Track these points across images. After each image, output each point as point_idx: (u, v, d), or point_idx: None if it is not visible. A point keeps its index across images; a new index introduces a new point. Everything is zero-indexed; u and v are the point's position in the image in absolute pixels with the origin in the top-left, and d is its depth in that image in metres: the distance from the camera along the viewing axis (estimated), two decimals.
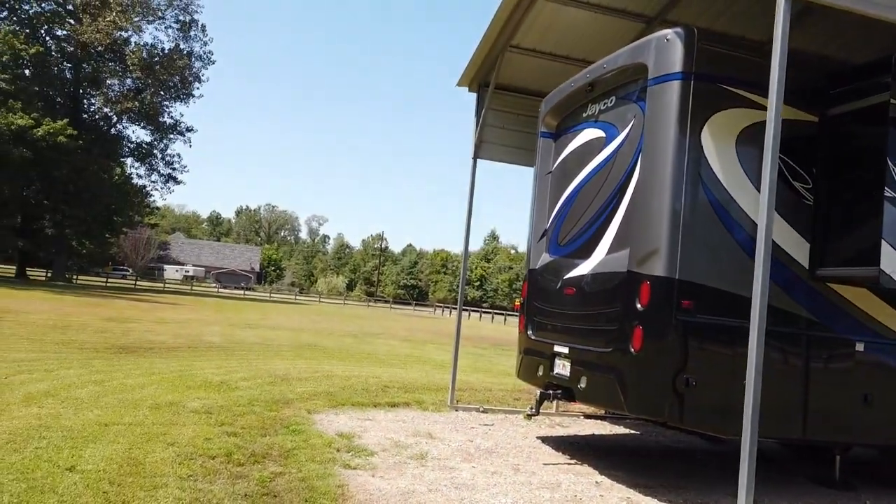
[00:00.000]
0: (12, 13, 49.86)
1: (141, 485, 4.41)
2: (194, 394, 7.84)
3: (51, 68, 50.02)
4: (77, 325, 16.72)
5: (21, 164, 41.69)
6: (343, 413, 7.63)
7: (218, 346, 14.98)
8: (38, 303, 23.87)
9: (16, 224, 47.75)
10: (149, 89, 52.47)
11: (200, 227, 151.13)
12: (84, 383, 7.92)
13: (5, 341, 11.85)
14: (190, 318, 23.64)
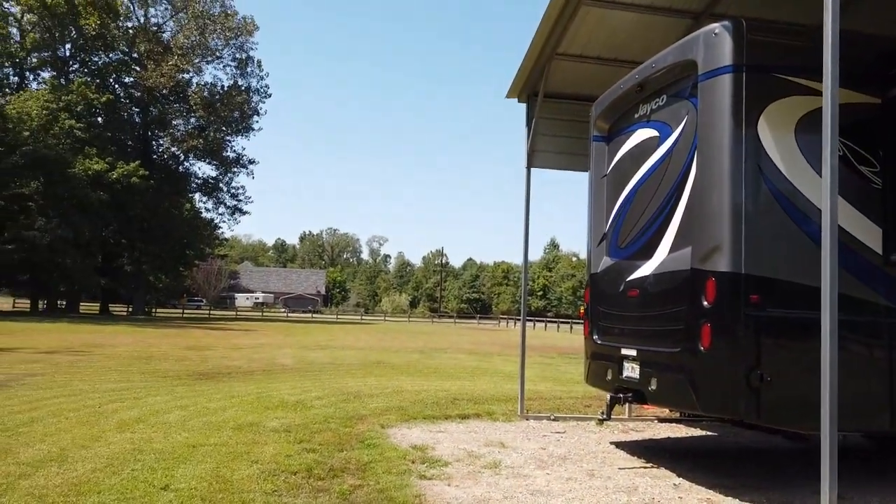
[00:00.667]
0: (83, 66, 53.21)
1: (230, 500, 4.64)
2: (272, 414, 8.14)
3: (121, 114, 53.03)
4: (159, 355, 17.54)
5: (99, 207, 44.22)
6: (415, 426, 7.77)
7: (291, 367, 15.43)
8: (122, 336, 25.15)
9: (97, 263, 50.47)
10: (211, 126, 54.81)
11: (267, 254, 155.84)
12: (170, 409, 8.34)
13: (97, 373, 12.57)
14: (262, 343, 24.42)
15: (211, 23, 52.67)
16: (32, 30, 50.54)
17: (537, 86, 8.51)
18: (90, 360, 15.33)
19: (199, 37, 52.62)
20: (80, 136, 45.61)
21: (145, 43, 51.42)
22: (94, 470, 5.26)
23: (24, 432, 6.54)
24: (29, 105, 43.97)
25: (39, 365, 13.59)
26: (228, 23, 53.22)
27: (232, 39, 54.69)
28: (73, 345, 19.60)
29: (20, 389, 9.74)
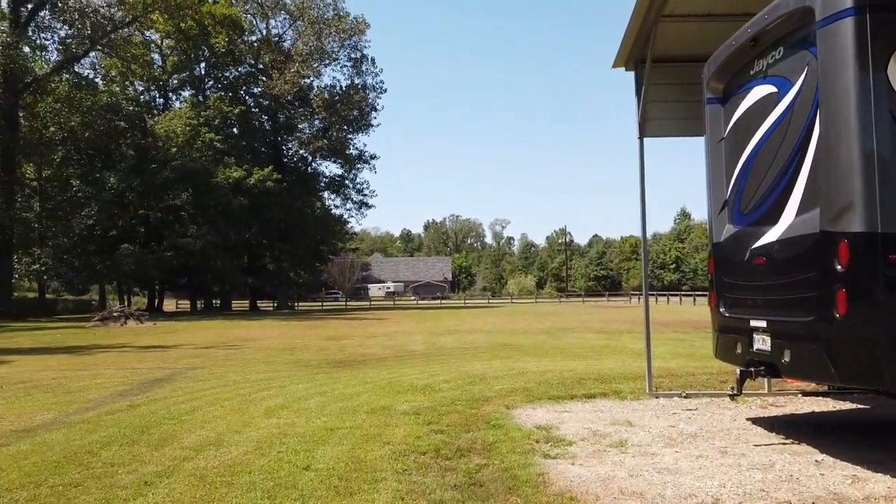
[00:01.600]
0: (217, 81, 57.53)
1: (364, 479, 4.96)
2: (403, 398, 8.52)
3: (253, 123, 56.90)
4: (301, 346, 18.79)
5: (241, 211, 47.86)
6: (540, 407, 7.82)
7: (421, 353, 15.98)
8: (268, 330, 27.16)
9: (244, 264, 54.67)
10: (334, 126, 57.43)
11: (395, 245, 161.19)
12: (311, 395, 8.96)
13: (247, 365, 13.72)
14: (395, 331, 25.41)
15: (326, 27, 55.01)
16: (171, 54, 55.38)
17: (644, 52, 8.18)
18: (242, 353, 16.73)
19: (317, 41, 55.16)
20: (220, 147, 49.51)
21: (269, 54, 54.69)
22: (245, 452, 5.81)
23: (186, 420, 7.32)
24: (174, 123, 48.33)
25: (199, 359, 15.04)
26: (342, 25, 55.32)
27: (346, 40, 56.88)
28: (227, 340, 21.46)
29: (183, 382, 10.86)
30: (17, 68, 38.44)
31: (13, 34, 38.60)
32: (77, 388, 10.19)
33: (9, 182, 39.96)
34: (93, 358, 15.89)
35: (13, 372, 12.78)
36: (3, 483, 4.99)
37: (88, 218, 45.72)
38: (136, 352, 17.47)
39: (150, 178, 45.99)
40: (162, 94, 57.92)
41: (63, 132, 44.05)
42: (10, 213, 39.06)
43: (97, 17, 42.82)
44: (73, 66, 44.72)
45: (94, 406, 8.39)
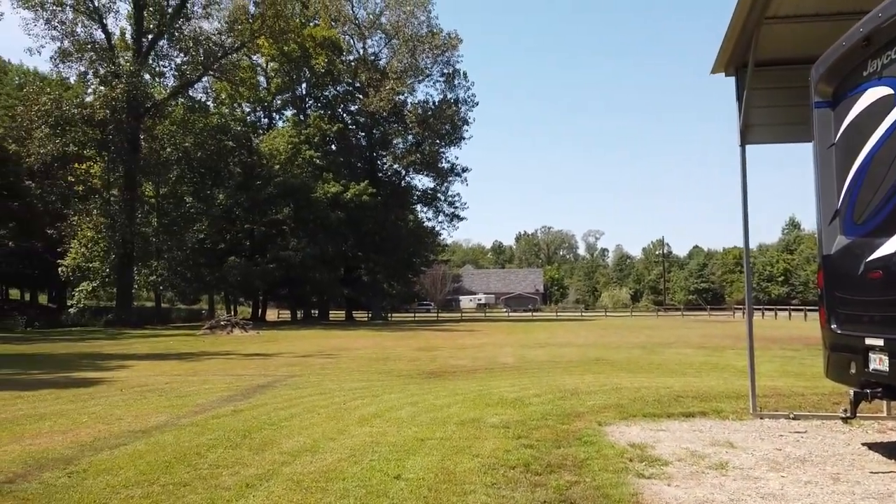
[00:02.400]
0: (316, 101, 60.05)
1: (454, 491, 4.99)
2: (493, 410, 8.51)
3: (350, 139, 58.94)
4: (394, 356, 19.16)
5: (338, 225, 49.56)
6: (634, 424, 7.58)
7: (511, 366, 15.89)
8: (363, 340, 27.87)
9: (340, 276, 56.47)
10: (426, 141, 58.48)
11: (486, 257, 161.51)
12: (402, 405, 9.12)
13: (343, 374, 14.14)
14: (485, 343, 25.41)
15: (420, 43, 56.24)
16: (275, 76, 58.37)
17: (745, 56, 7.82)
18: (337, 362, 17.26)
19: (410, 58, 56.48)
20: (319, 163, 51.58)
21: (365, 72, 56.54)
22: (339, 459, 5.98)
23: (285, 426, 7.63)
24: (277, 142, 50.83)
25: (297, 367, 15.64)
26: (435, 41, 56.37)
27: (439, 56, 57.89)
28: (324, 349, 22.20)
29: (282, 389, 11.33)
30: (139, 94, 41.70)
31: (136, 63, 41.95)
32: (187, 392, 10.86)
33: (131, 199, 43.29)
34: (202, 364, 16.87)
35: (132, 376, 13.78)
36: (121, 480, 5.38)
37: (199, 232, 48.76)
38: (240, 359, 18.39)
39: (255, 194, 48.53)
40: (266, 115, 61.11)
41: (178, 152, 47.31)
42: (131, 228, 42.28)
43: (209, 45, 45.81)
44: (187, 90, 48.01)
45: (202, 410, 8.91)
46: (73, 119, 40.53)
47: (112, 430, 7.42)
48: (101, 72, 42.97)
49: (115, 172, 44.14)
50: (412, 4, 56.01)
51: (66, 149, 41.38)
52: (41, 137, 40.44)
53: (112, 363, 16.99)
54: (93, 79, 44.34)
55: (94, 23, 43.12)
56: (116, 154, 42.82)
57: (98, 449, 6.47)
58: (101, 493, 5.04)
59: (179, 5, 44.39)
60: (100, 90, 42.63)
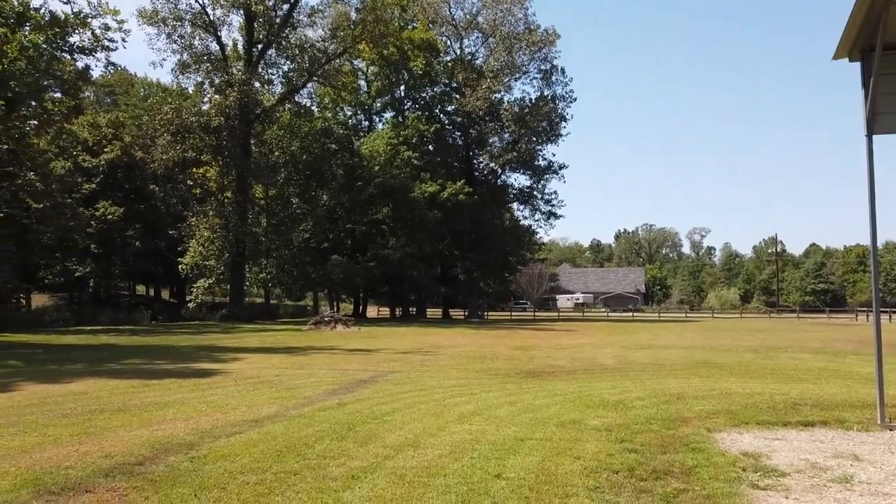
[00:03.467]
0: (414, 102, 61.10)
1: (555, 493, 4.94)
2: (593, 412, 8.34)
3: (446, 139, 59.51)
4: (491, 354, 19.18)
5: (435, 224, 50.23)
6: (746, 432, 7.20)
7: (611, 367, 15.50)
8: (459, 338, 28.10)
9: (437, 274, 57.19)
10: (523, 138, 58.08)
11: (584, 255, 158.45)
12: (501, 404, 9.11)
13: (441, 371, 14.32)
14: (583, 343, 24.94)
15: (517, 41, 55.93)
16: (375, 79, 59.96)
17: (872, 39, 7.23)
18: (436, 359, 17.49)
19: (507, 56, 56.27)
20: (416, 163, 52.48)
21: (462, 72, 56.91)
22: (440, 455, 6.06)
23: (388, 420, 7.83)
24: (377, 144, 52.22)
25: (398, 363, 15.99)
26: (532, 38, 55.87)
27: (536, 53, 57.30)
28: (423, 346, 22.56)
29: (384, 384, 11.62)
30: (250, 102, 44.10)
31: (247, 72, 44.35)
32: (295, 385, 11.36)
33: (243, 201, 45.85)
34: (308, 358, 17.59)
35: (244, 368, 14.58)
36: (237, 466, 5.71)
37: (305, 232, 50.89)
38: (343, 354, 19.03)
39: (357, 194, 50.09)
40: (367, 117, 62.89)
41: (285, 156, 49.71)
42: (243, 228, 44.78)
43: (314, 52, 47.72)
44: (293, 96, 50.23)
45: (309, 402, 9.29)
46: (191, 126, 43.45)
47: (228, 419, 7.89)
48: (215, 81, 45.77)
49: (229, 176, 46.86)
50: (509, 2, 55.78)
51: (186, 154, 44.49)
52: (163, 144, 43.68)
53: (227, 355, 18.05)
54: (208, 88, 47.33)
55: (209, 35, 46.01)
56: (230, 158, 45.46)
57: (216, 436, 6.90)
58: (220, 477, 5.37)
59: (286, 15, 46.50)
60: (215, 99, 45.42)
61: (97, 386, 11.12)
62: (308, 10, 48.27)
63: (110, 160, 46.46)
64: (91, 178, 45.42)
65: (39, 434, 7.00)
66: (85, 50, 34.96)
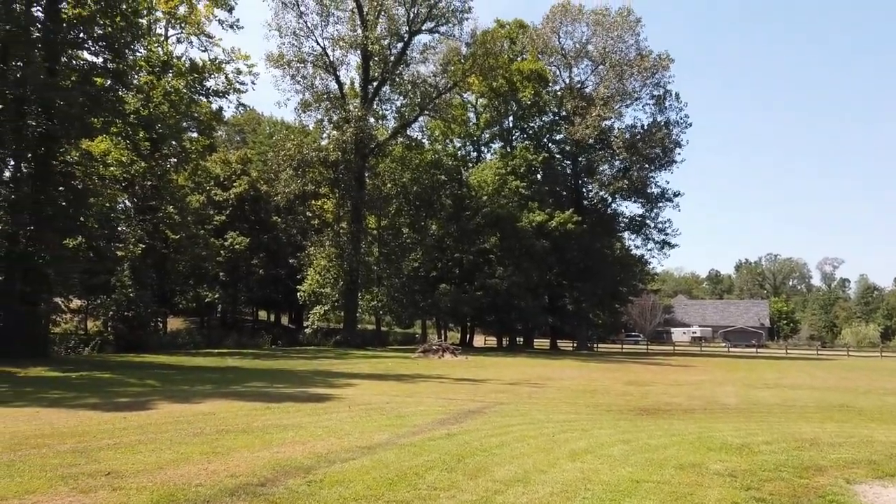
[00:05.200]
0: (522, 132, 61.40)
1: None
2: (715, 456, 7.86)
3: (555, 168, 59.20)
4: (602, 389, 18.60)
5: (542, 253, 49.82)
6: (892, 485, 6.52)
7: (734, 407, 14.58)
8: (568, 370, 27.48)
9: (545, 304, 56.47)
10: (634, 166, 56.68)
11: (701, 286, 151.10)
12: (614, 442, 8.79)
13: (550, 404, 14.05)
14: (702, 380, 23.64)
15: (628, 68, 55.00)
16: (484, 111, 60.89)
17: None
18: (544, 391, 17.19)
19: (618, 83, 55.41)
20: (524, 193, 52.48)
21: (571, 101, 56.59)
22: (551, 494, 5.93)
23: (496, 453, 7.76)
24: (485, 174, 52.81)
25: (505, 395, 15.86)
26: (644, 64, 54.75)
27: (648, 79, 56.03)
28: (530, 377, 22.26)
29: (492, 416, 11.55)
30: (365, 136, 46.07)
31: (362, 108, 46.44)
32: (405, 412, 11.54)
33: (357, 231, 47.69)
34: (416, 386, 17.85)
35: (357, 394, 15.00)
36: (351, 493, 5.86)
37: (414, 261, 52.04)
38: (451, 383, 19.13)
39: (464, 224, 50.73)
40: (475, 148, 63.83)
41: (397, 187, 51.40)
42: (357, 257, 46.49)
43: (426, 87, 49.28)
44: (405, 130, 51.96)
45: (418, 431, 9.40)
46: (311, 161, 45.99)
47: (343, 445, 8.13)
48: (334, 118, 48.25)
49: (344, 207, 48.96)
50: (620, 29, 55.11)
51: (305, 188, 47.13)
52: (286, 178, 46.48)
53: (340, 381, 18.67)
54: (327, 125, 49.94)
55: (329, 75, 48.70)
56: (345, 191, 47.56)
57: (331, 461, 7.12)
58: (335, 503, 5.52)
59: (400, 53, 48.41)
60: (333, 135, 47.85)
61: (224, 407, 11.83)
62: (420, 48, 50.07)
63: (239, 194, 49.95)
64: (221, 211, 48.97)
65: (173, 451, 7.53)
66: (219, 93, 38.07)
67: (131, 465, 6.71)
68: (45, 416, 10.33)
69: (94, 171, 28.67)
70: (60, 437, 8.28)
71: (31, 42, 24.64)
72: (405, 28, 48.31)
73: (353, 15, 47.73)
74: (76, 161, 27.28)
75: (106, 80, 26.90)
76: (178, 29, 38.58)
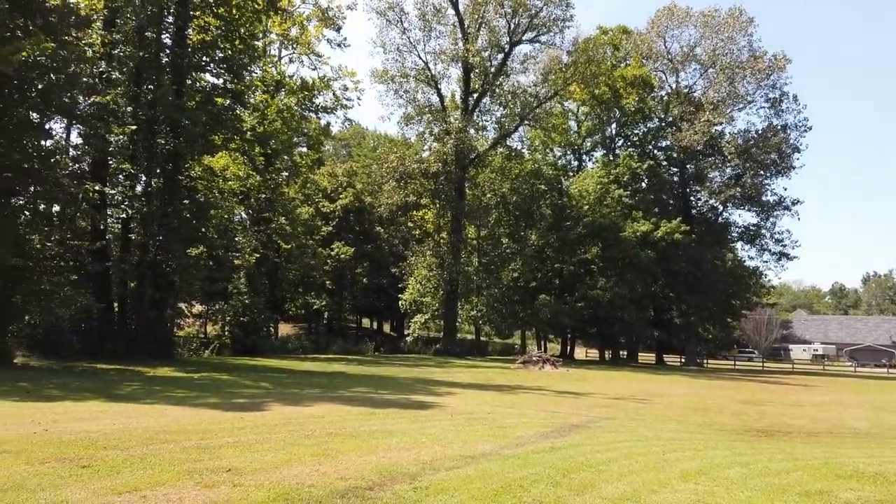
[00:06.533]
0: (626, 139, 59.88)
1: None
2: (845, 484, 7.27)
3: (661, 176, 57.21)
4: (714, 407, 17.68)
5: (647, 264, 48.21)
6: None
7: (864, 432, 13.43)
8: (676, 386, 26.34)
9: (650, 316, 54.52)
10: (748, 172, 53.80)
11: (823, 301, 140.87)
12: (730, 464, 8.32)
13: (658, 421, 13.52)
14: (826, 401, 21.95)
15: (740, 70, 52.39)
16: (585, 119, 59.93)
17: None
18: (651, 408, 16.57)
19: (729, 87, 52.87)
20: (627, 202, 51.10)
21: (678, 106, 54.58)
22: None
23: (603, 470, 7.54)
24: (586, 183, 51.89)
25: (610, 409, 15.42)
26: (758, 65, 51.95)
27: (763, 81, 53.08)
28: (635, 392, 21.52)
29: (597, 431, 11.26)
30: (465, 148, 46.55)
31: (463, 120, 46.99)
32: (507, 424, 11.47)
33: (457, 241, 48.18)
34: (517, 397, 17.70)
35: (458, 403, 15.07)
36: (456, 501, 5.88)
37: (514, 271, 51.84)
38: (552, 396, 18.84)
39: (565, 234, 50.01)
40: (576, 157, 62.87)
41: (496, 197, 51.54)
42: (456, 267, 46.93)
43: (526, 96, 49.18)
44: (505, 140, 52.03)
45: (521, 443, 9.31)
46: (413, 173, 47.00)
47: (446, 453, 8.18)
48: (435, 130, 49.13)
49: (445, 217, 49.61)
50: (731, 30, 52.62)
51: (407, 199, 48.22)
52: (389, 190, 47.78)
53: (441, 389, 18.84)
54: (429, 137, 50.90)
55: (431, 89, 49.70)
56: (445, 201, 48.22)
57: (436, 469, 7.19)
58: None
59: (501, 64, 48.63)
60: (434, 146, 48.70)
61: (332, 411, 12.24)
62: (521, 58, 50.07)
63: (344, 205, 51.88)
64: (328, 222, 51.00)
65: (287, 452, 7.86)
66: (327, 109, 39.77)
67: (249, 463, 7.07)
68: (172, 413, 11.10)
69: (214, 184, 30.70)
70: (186, 433, 8.86)
71: (160, 67, 26.77)
72: (506, 39, 48.50)
73: (454, 29, 48.47)
74: (199, 176, 29.29)
75: (226, 99, 28.76)
76: (290, 49, 40.73)
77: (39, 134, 21.20)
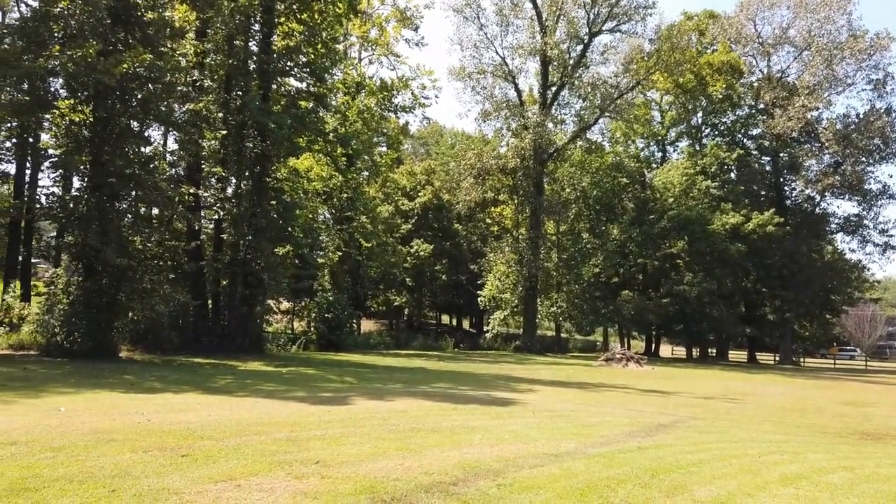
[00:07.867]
0: (713, 128, 57.45)
1: None
2: None
3: (751, 166, 54.59)
4: (813, 408, 16.72)
5: (738, 258, 46.13)
6: None
7: None
8: (771, 386, 25.07)
9: (741, 312, 52.16)
10: (848, 159, 50.51)
11: None
12: (834, 468, 7.84)
13: (752, 422, 12.90)
14: None
15: (838, 51, 49.21)
16: (669, 109, 57.95)
17: None
18: (743, 408, 15.84)
19: (826, 69, 49.76)
20: (716, 193, 49.05)
21: (769, 92, 51.86)
22: None
23: (695, 472, 7.26)
24: (671, 175, 50.18)
25: (698, 409, 14.85)
26: (858, 45, 48.63)
27: (864, 62, 49.64)
28: (726, 392, 20.64)
29: (686, 431, 10.85)
30: (543, 142, 45.99)
31: (541, 114, 46.46)
32: (590, 422, 11.25)
33: (536, 237, 47.72)
34: (600, 395, 17.34)
35: (539, 400, 14.91)
36: (541, 499, 5.81)
37: (595, 266, 50.85)
38: (637, 394, 18.33)
39: (649, 228, 48.57)
40: (660, 148, 60.90)
41: (576, 192, 50.70)
42: (536, 263, 46.48)
43: (606, 88, 48.06)
44: (585, 133, 51.07)
45: (606, 442, 9.10)
46: (490, 169, 46.92)
47: (529, 450, 8.11)
48: (512, 126, 48.83)
49: (523, 213, 49.26)
50: (828, 9, 49.46)
51: (485, 195, 48.21)
52: (467, 187, 47.90)
53: (522, 386, 18.70)
54: (506, 132, 50.67)
55: (508, 84, 49.41)
56: (524, 197, 47.85)
57: (520, 466, 7.13)
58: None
59: (580, 56, 47.73)
60: (511, 142, 48.42)
61: (414, 405, 12.39)
62: (601, 48, 49.00)
63: (423, 203, 52.42)
64: (408, 220, 51.71)
65: (372, 445, 8.01)
66: (406, 108, 40.30)
67: (336, 456, 7.25)
68: (262, 406, 11.54)
69: (299, 185, 31.71)
70: (276, 426, 9.18)
71: (248, 73, 27.88)
72: (585, 30, 47.55)
73: (531, 22, 47.98)
74: (285, 177, 30.34)
75: (309, 102, 29.62)
76: (369, 51, 41.53)
77: (140, 141, 22.50)
